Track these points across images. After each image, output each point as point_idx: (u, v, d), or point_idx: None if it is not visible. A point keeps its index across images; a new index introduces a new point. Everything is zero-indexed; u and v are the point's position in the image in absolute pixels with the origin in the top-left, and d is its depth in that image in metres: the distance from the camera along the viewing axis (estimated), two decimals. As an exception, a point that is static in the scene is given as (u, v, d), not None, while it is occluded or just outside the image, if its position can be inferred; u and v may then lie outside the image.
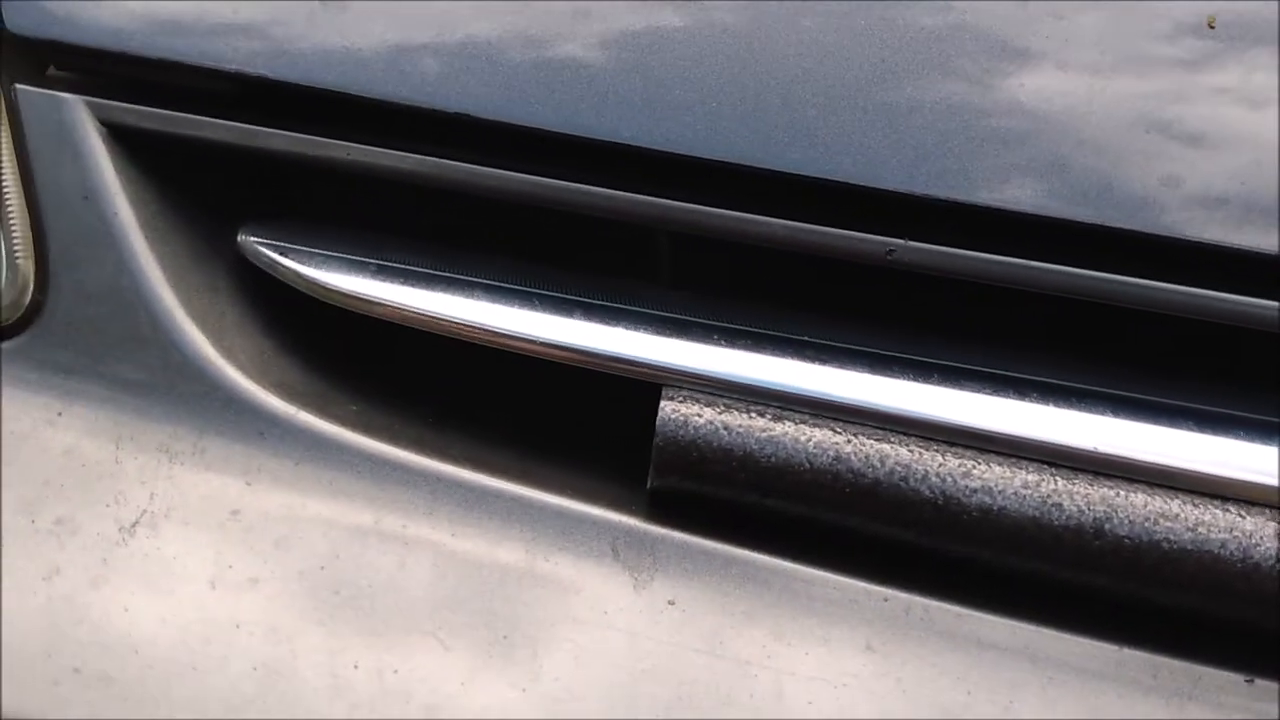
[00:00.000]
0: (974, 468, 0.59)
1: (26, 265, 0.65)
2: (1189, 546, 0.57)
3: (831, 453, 0.59)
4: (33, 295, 0.66)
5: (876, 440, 0.60)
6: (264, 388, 0.64)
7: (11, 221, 0.65)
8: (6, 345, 0.65)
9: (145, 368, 0.64)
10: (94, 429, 0.63)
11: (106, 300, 0.65)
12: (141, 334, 0.64)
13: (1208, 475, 0.58)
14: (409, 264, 0.65)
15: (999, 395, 0.60)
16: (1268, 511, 0.57)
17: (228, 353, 0.65)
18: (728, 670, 0.56)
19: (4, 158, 0.66)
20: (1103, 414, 0.59)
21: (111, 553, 0.60)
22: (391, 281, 0.64)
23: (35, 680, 0.56)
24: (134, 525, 0.60)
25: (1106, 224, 0.57)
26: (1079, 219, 0.57)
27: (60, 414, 0.64)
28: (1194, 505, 0.57)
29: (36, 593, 0.58)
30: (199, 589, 0.59)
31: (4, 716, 0.56)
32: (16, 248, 0.65)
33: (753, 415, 0.61)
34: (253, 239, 0.67)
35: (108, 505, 0.61)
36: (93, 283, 0.65)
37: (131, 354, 0.64)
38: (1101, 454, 0.59)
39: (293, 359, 0.68)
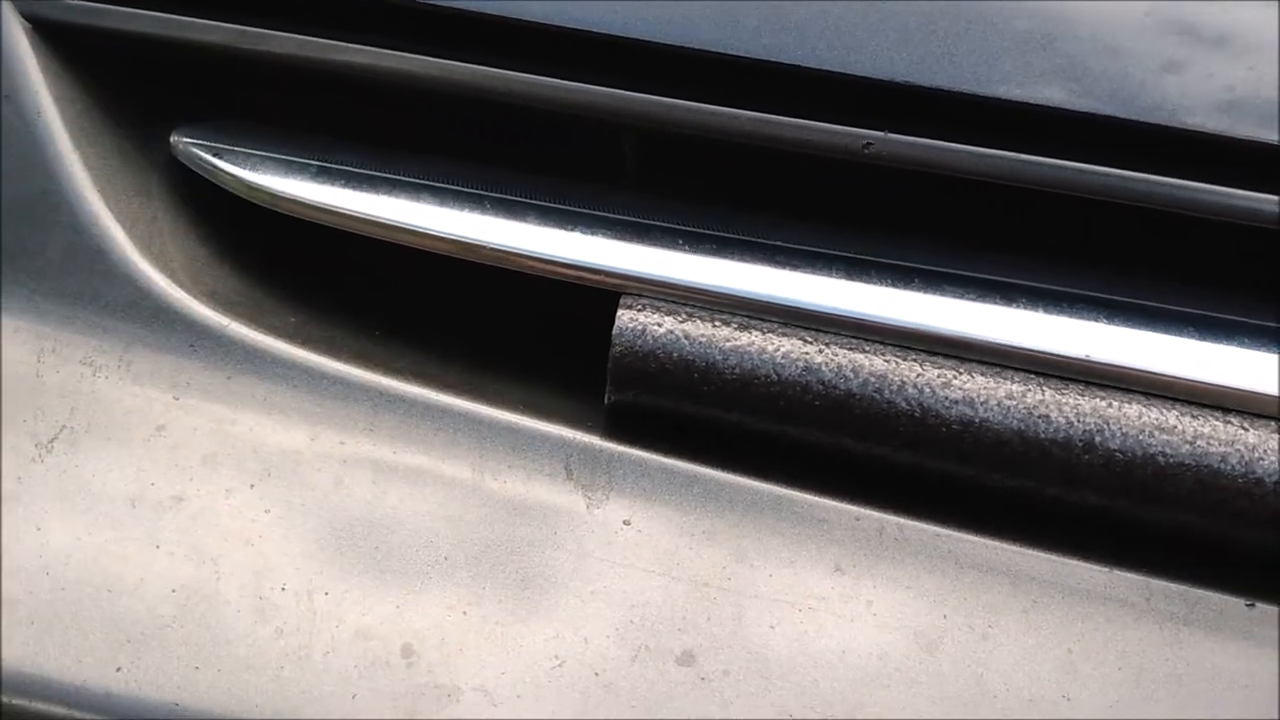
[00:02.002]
0: (955, 378, 0.54)
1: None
2: (1187, 461, 0.52)
3: (801, 363, 0.55)
4: (-49, 202, 0.61)
5: (850, 350, 0.55)
6: (196, 297, 0.59)
7: (-75, 122, 0.61)
8: (-77, 255, 0.61)
9: (70, 276, 0.60)
10: (13, 340, 0.59)
11: (29, 205, 0.60)
12: (66, 240, 0.60)
13: (1208, 385, 0.54)
14: (352, 166, 0.60)
15: (983, 301, 0.56)
16: (1272, 423, 0.52)
17: (159, 260, 0.60)
18: (684, 592, 0.52)
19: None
20: (1095, 320, 0.55)
21: (26, 469, 0.55)
22: (332, 184, 0.60)
23: (-63, 601, 0.52)
24: (51, 441, 0.56)
25: (1100, 113, 0.53)
26: (1072, 107, 0.52)
27: (-22, 325, 0.59)
28: (1193, 417, 0.53)
29: (-57, 510, 0.54)
30: (118, 508, 0.54)
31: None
32: (-68, 149, 0.61)
33: (716, 324, 0.56)
34: (186, 140, 0.62)
35: (25, 420, 0.57)
36: (15, 187, 0.61)
37: (56, 262, 0.60)
38: (1094, 363, 0.54)
39: (229, 268, 0.63)
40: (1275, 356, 0.53)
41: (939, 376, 0.54)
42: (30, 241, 0.60)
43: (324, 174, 0.61)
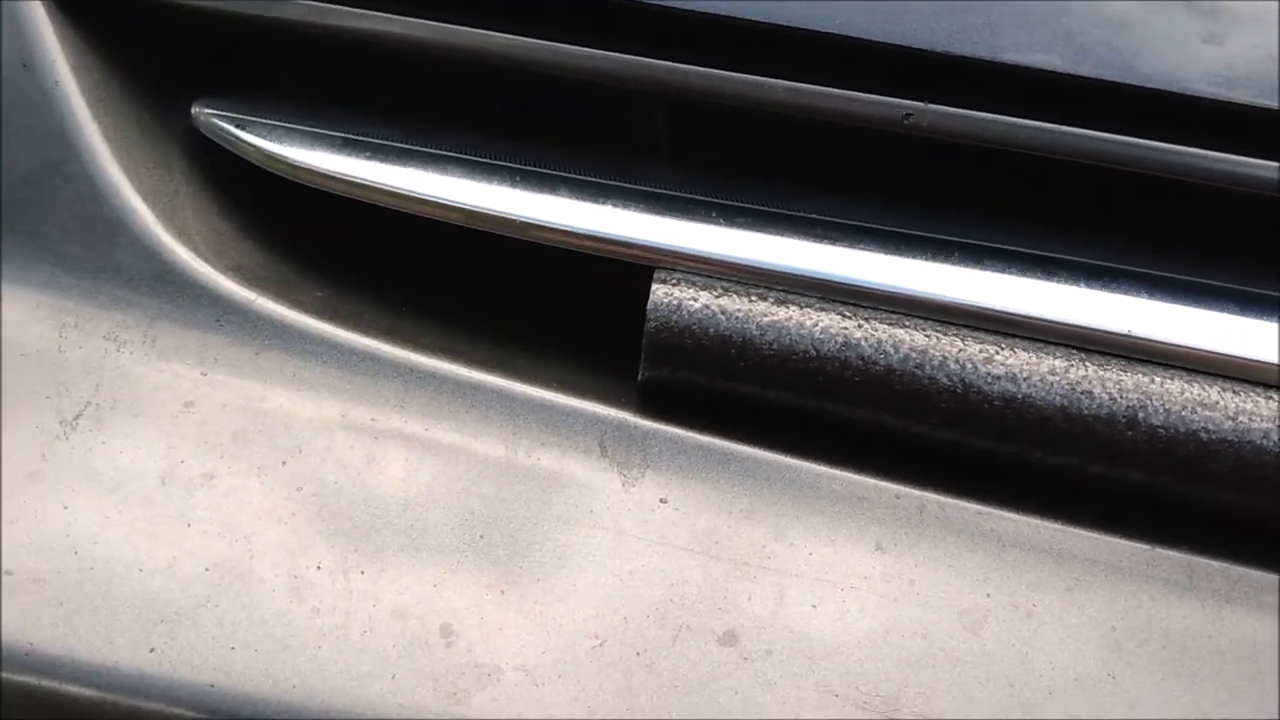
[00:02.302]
0: (996, 353, 0.53)
1: (-39, 140, 0.60)
2: (1229, 437, 0.52)
3: (840, 339, 0.54)
4: (-31, 174, 0.60)
5: (890, 325, 0.54)
6: (221, 272, 0.58)
7: (-58, 92, 0.60)
8: (-58, 228, 0.60)
9: (92, 250, 0.58)
10: (35, 316, 0.58)
11: (49, 177, 0.59)
12: (87, 214, 0.59)
13: (1251, 361, 0.53)
14: (377, 138, 0.59)
15: (1025, 275, 0.55)
16: (1317, 400, 0.52)
17: (181, 234, 0.59)
18: (724, 572, 0.51)
19: (-67, 21, 0.60)
20: (1138, 295, 0.54)
21: (51, 447, 0.54)
22: (357, 156, 0.59)
23: (-35, 581, 0.51)
24: (76, 419, 0.55)
25: (1148, 86, 0.52)
26: (1116, 80, 0.51)
27: (-1, 300, 0.58)
28: (1235, 393, 0.52)
29: (-32, 490, 0.53)
30: (147, 485, 0.53)
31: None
32: (-52, 120, 0.59)
33: (753, 299, 0.55)
34: (208, 111, 0.61)
35: (48, 397, 0.56)
36: (34, 159, 0.59)
37: (77, 235, 0.58)
38: (1136, 338, 0.53)
39: (253, 241, 0.62)
40: (1321, 332, 0.52)
41: (981, 352, 0.54)
42: (50, 215, 0.59)
43: (349, 146, 0.59)
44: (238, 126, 0.61)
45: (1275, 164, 0.52)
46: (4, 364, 0.57)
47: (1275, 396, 0.53)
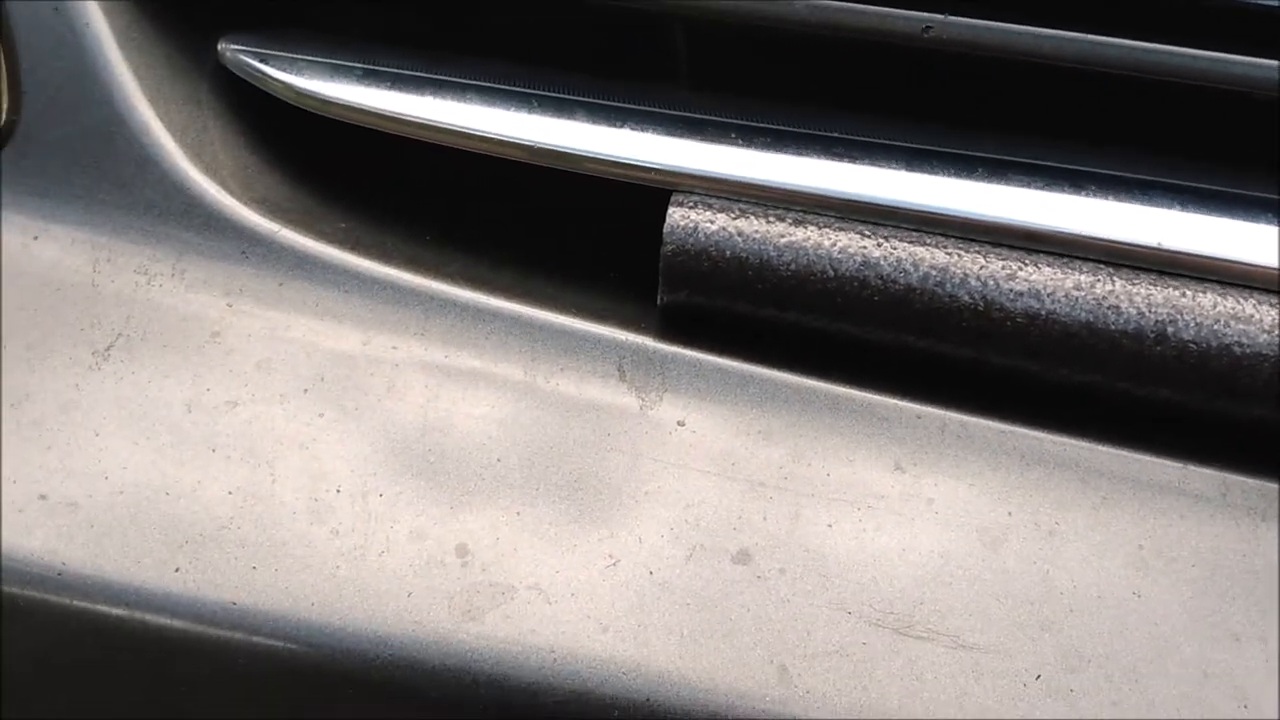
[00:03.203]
0: (1020, 269, 0.52)
1: (-2, 82, 0.61)
2: (1264, 350, 0.50)
3: (859, 258, 0.53)
4: (6, 115, 0.61)
5: (909, 243, 0.53)
6: (247, 204, 0.59)
7: (-21, 36, 0.61)
8: (-18, 168, 0.61)
9: (123, 186, 0.59)
10: (70, 251, 0.59)
11: (81, 116, 0.60)
12: (118, 150, 0.60)
13: (1289, 272, 0.51)
14: (398, 69, 0.59)
15: (1051, 190, 0.54)
16: (1359, 311, 0.49)
17: (209, 168, 0.60)
18: (739, 492, 0.51)
19: (-32, -34, 0.61)
20: (1170, 207, 0.53)
21: (84, 377, 0.56)
22: (379, 86, 0.59)
23: None
24: (108, 349, 0.56)
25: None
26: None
27: (36, 237, 0.60)
28: (1272, 305, 0.50)
29: (4, 419, 0.55)
30: (174, 412, 0.54)
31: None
32: (-14, 64, 0.61)
33: (770, 220, 0.54)
34: (234, 47, 0.62)
35: (82, 330, 0.57)
36: (66, 98, 0.60)
37: (109, 172, 0.60)
38: (1166, 250, 0.52)
39: (279, 174, 0.63)
40: (1363, 241, 0.50)
41: (1003, 268, 0.52)
42: (84, 154, 0.60)
43: (370, 77, 0.60)
44: (261, 61, 0.61)
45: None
46: (40, 298, 0.58)
47: (1315, 309, 0.50)
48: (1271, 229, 0.52)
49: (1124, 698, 0.46)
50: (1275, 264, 0.51)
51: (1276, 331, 0.50)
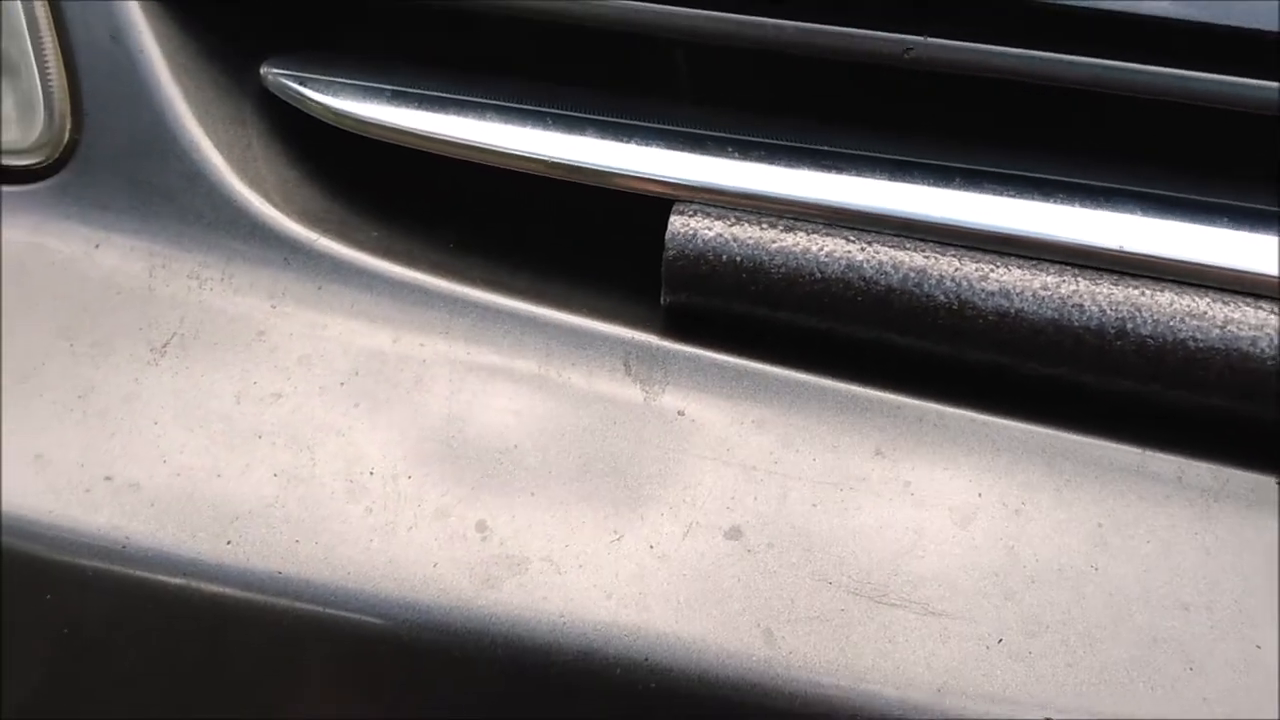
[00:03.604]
0: (992, 271, 0.57)
1: (63, 105, 0.67)
2: (1217, 345, 0.54)
3: (844, 261, 0.58)
4: (70, 134, 0.67)
5: (891, 248, 0.58)
6: (288, 215, 0.65)
7: (46, 64, 0.67)
8: (50, 182, 0.68)
9: (175, 199, 0.66)
10: (129, 258, 0.65)
11: (137, 136, 0.66)
12: (170, 166, 0.66)
13: (1240, 271, 0.56)
14: (424, 89, 0.65)
15: (1022, 197, 0.58)
16: (1303, 307, 0.54)
17: (253, 183, 0.66)
18: (733, 475, 0.56)
19: (36, 1, 0.67)
20: (1131, 212, 0.57)
21: (143, 372, 0.62)
22: (405, 106, 0.65)
23: (69, 487, 0.59)
24: (164, 346, 0.62)
25: (1135, 12, 0.54)
26: (1111, 9, 0.54)
27: (98, 245, 0.66)
28: (1223, 303, 0.55)
29: (73, 409, 0.61)
30: (224, 403, 0.60)
31: (38, 519, 0.58)
32: (52, 88, 0.67)
33: (763, 226, 0.60)
34: (275, 71, 0.68)
35: (140, 329, 0.63)
36: (124, 120, 0.66)
37: (161, 186, 0.66)
38: (1127, 253, 0.57)
39: (316, 188, 0.69)
40: (1307, 243, 0.55)
41: (976, 270, 0.57)
42: (139, 169, 0.66)
43: (400, 98, 0.65)
44: (300, 84, 0.67)
45: (1274, 84, 0.54)
46: (102, 300, 0.64)
47: (1264, 306, 0.55)
48: (1226, 232, 0.56)
49: (1078, 660, 0.51)
50: (1228, 264, 0.55)
51: (1229, 327, 0.54)
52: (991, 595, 0.52)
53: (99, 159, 0.67)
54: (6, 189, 0.66)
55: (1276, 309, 0.54)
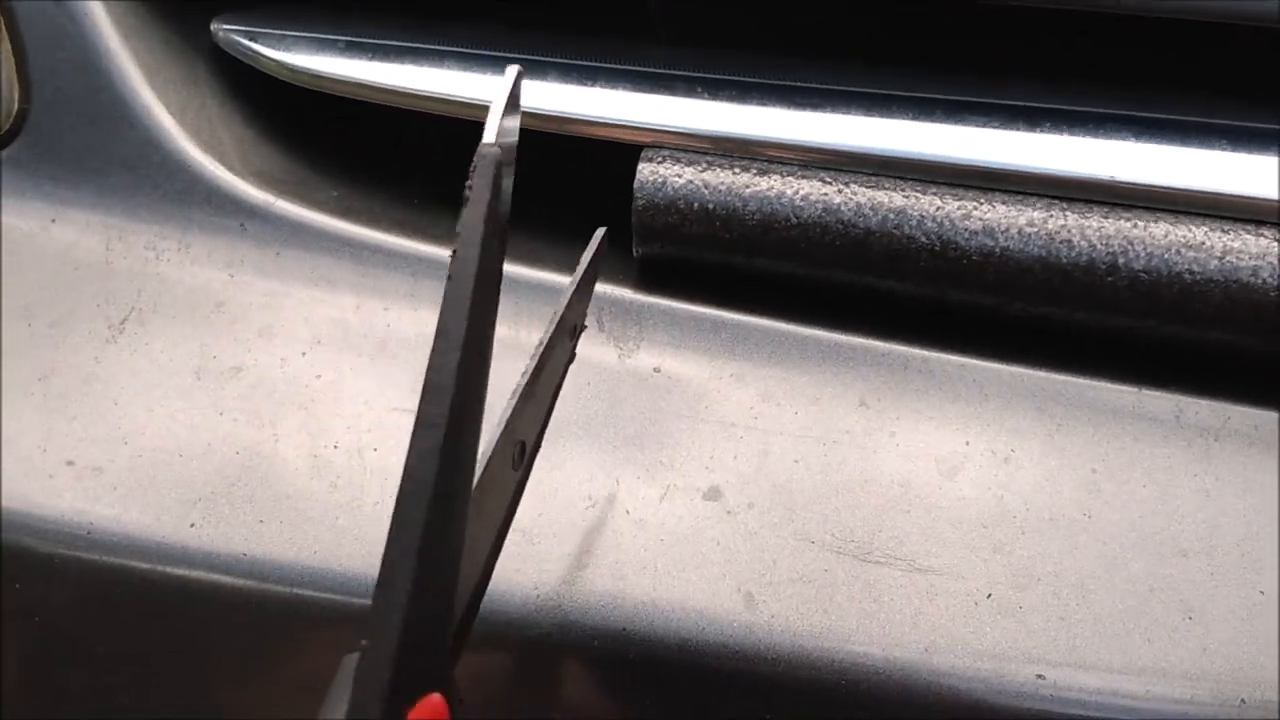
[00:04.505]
0: (975, 209, 0.54)
1: (9, 73, 0.65)
2: (1215, 276, 0.52)
3: (820, 205, 0.55)
4: (19, 104, 0.65)
5: (869, 188, 0.55)
6: (245, 178, 0.62)
7: (-11, 31, 0.64)
8: (1, 155, 0.65)
9: (130, 168, 0.63)
10: (85, 233, 0.63)
11: (86, 102, 0.64)
12: (123, 134, 0.63)
13: (1239, 197, 0.52)
14: (378, 38, 0.62)
15: (1006, 128, 0.55)
16: (1306, 233, 0.51)
17: (209, 146, 0.63)
18: (711, 433, 0.54)
19: (-28, -36, 0.64)
20: (1121, 139, 0.54)
21: (102, 350, 0.60)
22: (360, 58, 0.62)
23: (32, 473, 0.57)
24: (123, 322, 0.60)
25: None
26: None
27: (53, 220, 0.64)
28: (1222, 232, 0.52)
29: (33, 393, 0.59)
30: (184, 380, 0.58)
31: (4, 506, 0.57)
32: (-3, 57, 0.65)
33: (736, 171, 0.57)
34: (225, 27, 0.65)
35: (99, 305, 0.61)
36: (71, 86, 0.64)
37: (115, 155, 0.63)
38: (1119, 183, 0.53)
39: (274, 146, 0.66)
40: (1310, 164, 0.51)
41: (959, 209, 0.54)
42: (90, 138, 0.64)
43: (353, 49, 0.63)
44: (251, 40, 0.64)
45: None
46: (59, 278, 0.62)
47: (1265, 233, 0.52)
48: (1224, 154, 0.53)
49: (1071, 612, 0.48)
50: (1226, 189, 0.52)
51: (1229, 257, 0.51)
52: (980, 548, 0.50)
53: (50, 129, 0.65)
54: (-45, 166, 0.64)
55: (1278, 236, 0.51)
